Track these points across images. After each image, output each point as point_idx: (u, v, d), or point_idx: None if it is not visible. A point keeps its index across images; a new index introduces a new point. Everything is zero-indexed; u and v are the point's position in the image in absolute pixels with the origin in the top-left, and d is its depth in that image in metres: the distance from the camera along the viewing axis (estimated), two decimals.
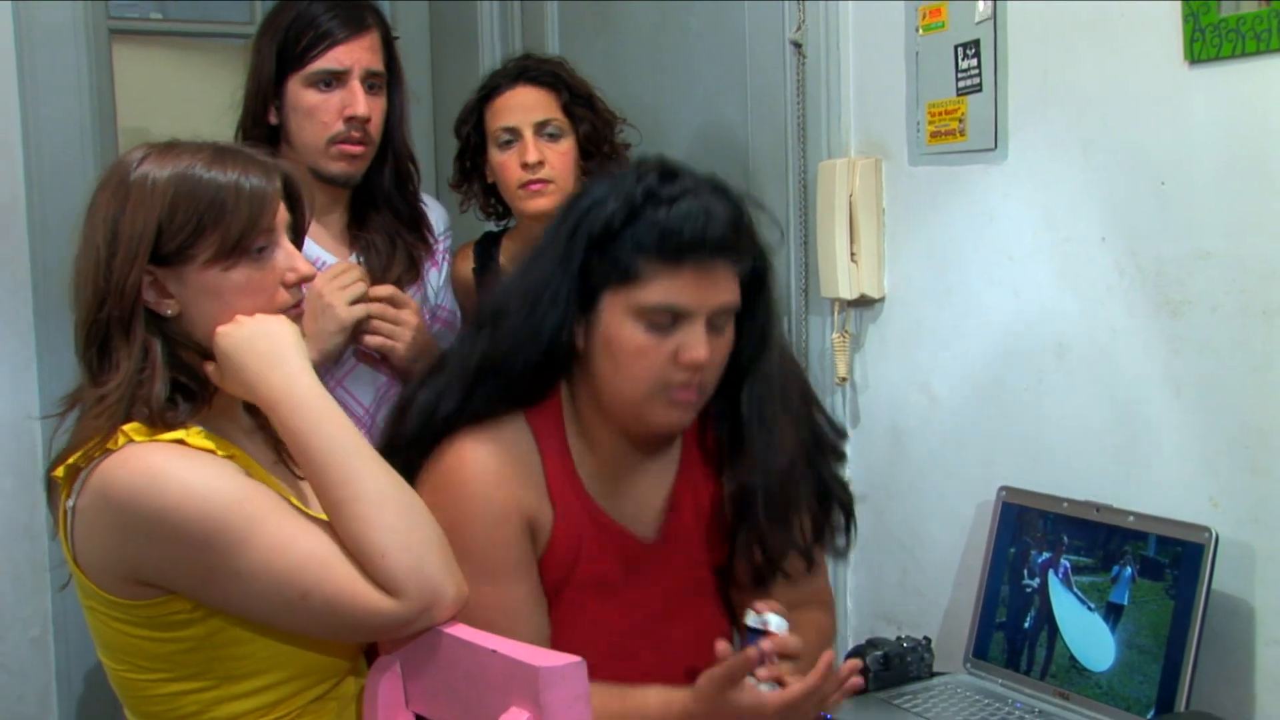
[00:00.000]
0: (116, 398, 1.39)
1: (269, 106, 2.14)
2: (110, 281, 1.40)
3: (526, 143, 2.24)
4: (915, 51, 2.15)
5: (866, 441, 2.31)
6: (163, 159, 1.44)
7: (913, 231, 2.20)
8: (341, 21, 2.12)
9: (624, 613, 1.67)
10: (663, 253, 1.54)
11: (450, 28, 3.41)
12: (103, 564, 1.39)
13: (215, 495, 1.34)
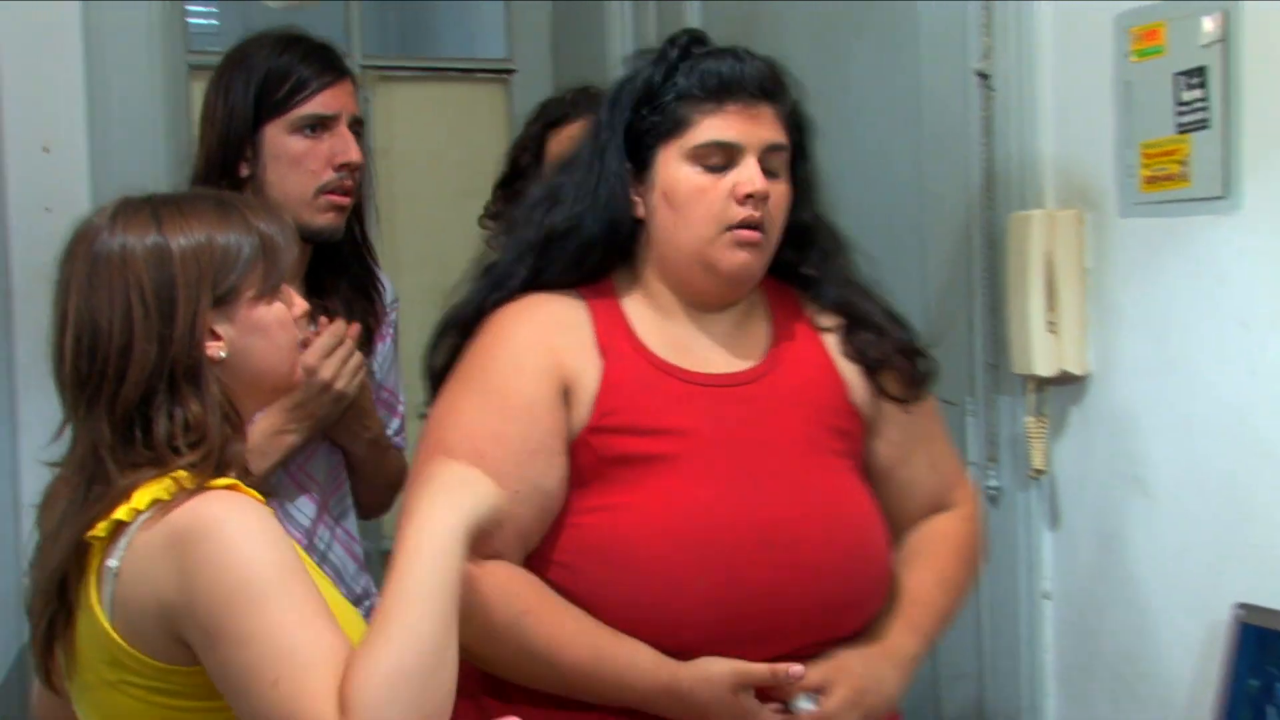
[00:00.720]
0: (203, 451, 1.48)
1: (240, 157, 2.16)
2: (175, 328, 1.48)
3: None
4: (1126, 81, 2.06)
5: (1069, 547, 2.22)
6: (180, 199, 1.57)
7: (1123, 296, 2.11)
8: (323, 66, 2.19)
9: (711, 476, 1.73)
10: (705, 93, 1.76)
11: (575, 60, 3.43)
12: (149, 621, 1.44)
13: (264, 553, 1.42)
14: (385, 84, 3.38)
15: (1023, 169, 2.22)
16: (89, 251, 1.51)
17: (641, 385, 1.76)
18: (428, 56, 4.03)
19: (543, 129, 2.45)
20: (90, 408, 1.50)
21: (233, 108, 2.15)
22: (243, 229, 1.55)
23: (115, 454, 1.48)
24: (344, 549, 2.29)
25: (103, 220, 1.53)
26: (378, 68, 3.39)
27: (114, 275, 1.49)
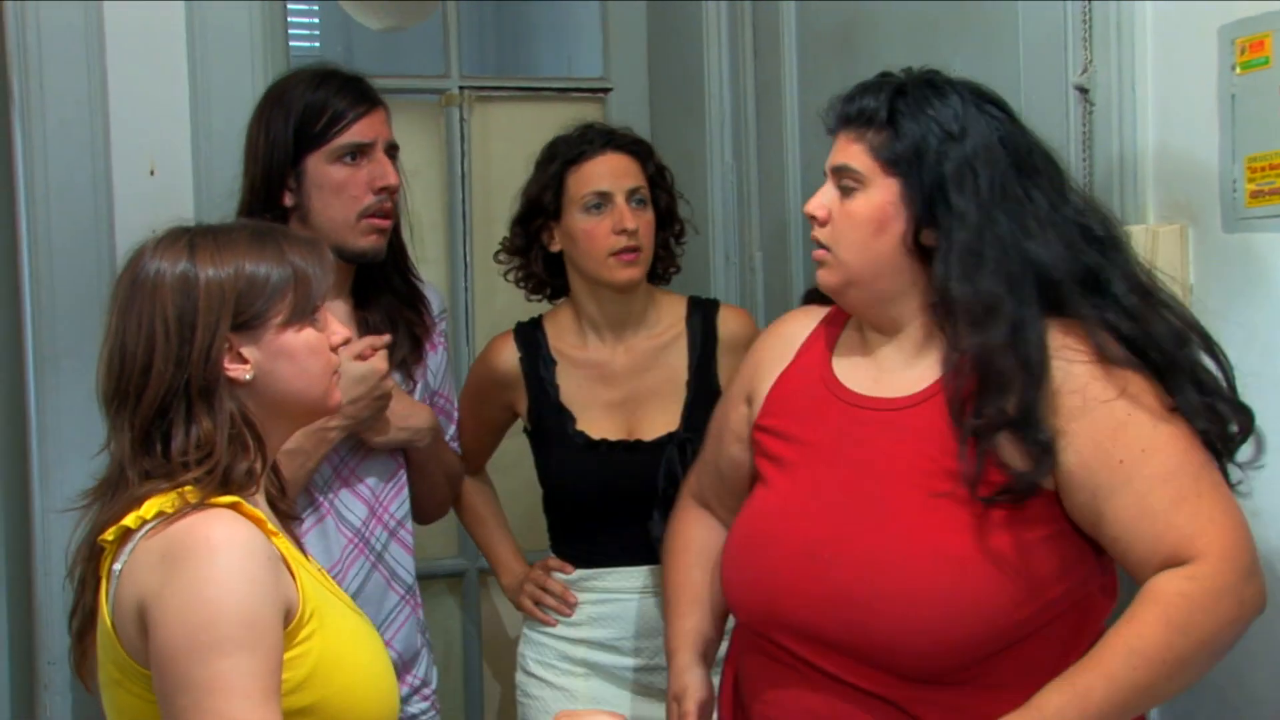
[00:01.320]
0: (209, 467, 1.56)
1: (284, 189, 2.27)
2: (193, 348, 1.57)
3: (621, 209, 2.50)
4: (1231, 94, 2.01)
5: None
6: (218, 230, 1.66)
7: (1229, 313, 2.04)
8: (357, 97, 2.30)
9: (804, 486, 1.89)
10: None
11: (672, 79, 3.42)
12: (130, 622, 1.52)
13: (241, 601, 1.48)
14: (482, 104, 3.40)
15: (1124, 183, 2.17)
16: (131, 276, 1.64)
17: (798, 389, 1.98)
18: (525, 76, 4.06)
19: (562, 167, 2.51)
20: (116, 420, 1.62)
21: (273, 142, 2.27)
22: (275, 259, 1.63)
23: (135, 464, 1.58)
24: (401, 546, 2.35)
25: (148, 247, 1.65)
26: (475, 88, 3.41)
27: (144, 299, 1.60)
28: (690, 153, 3.34)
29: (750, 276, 3.22)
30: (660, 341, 2.63)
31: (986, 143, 1.83)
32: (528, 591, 2.63)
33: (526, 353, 2.62)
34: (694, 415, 2.56)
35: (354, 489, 2.32)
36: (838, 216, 1.89)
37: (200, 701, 1.46)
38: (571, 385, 2.61)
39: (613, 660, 2.58)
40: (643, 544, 2.54)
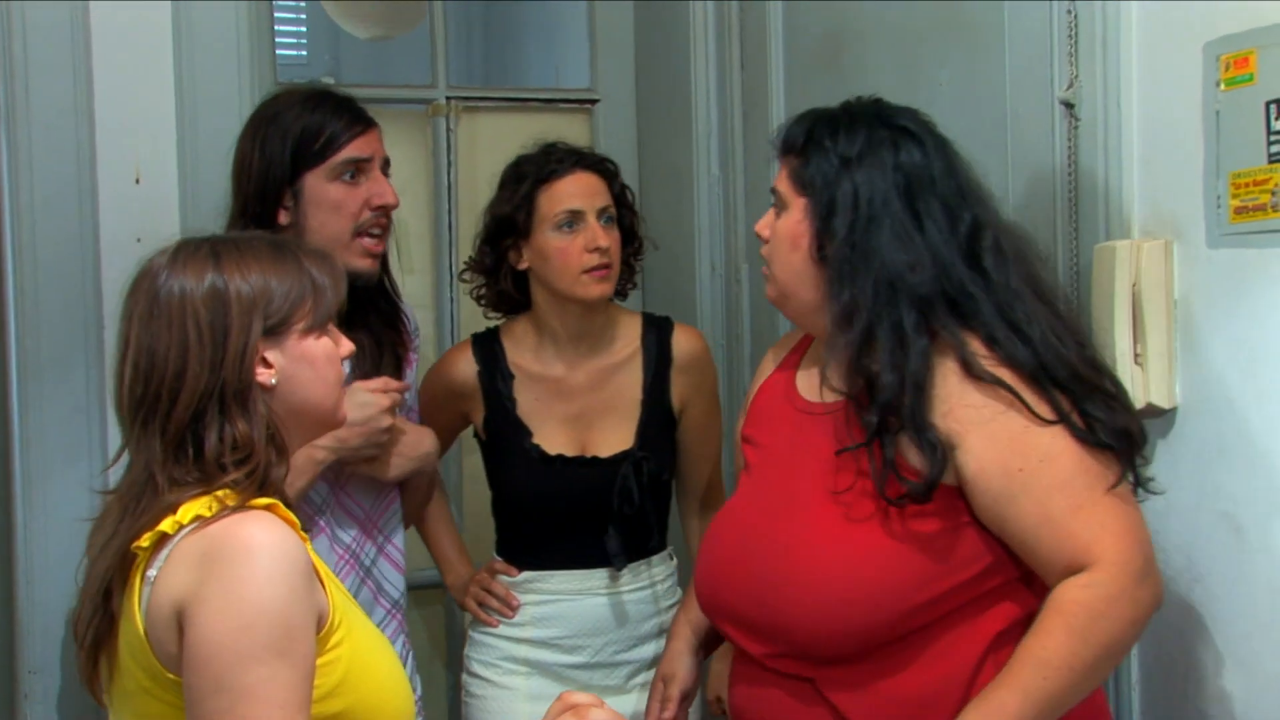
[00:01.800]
0: (249, 469, 1.60)
1: (279, 207, 2.29)
2: (227, 353, 1.61)
3: (593, 227, 2.54)
4: (1215, 111, 2.02)
5: None
6: (239, 240, 1.71)
7: (1213, 328, 2.06)
8: (354, 116, 2.32)
9: (753, 488, 2.08)
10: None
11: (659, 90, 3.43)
12: (164, 625, 1.53)
13: (281, 606, 1.50)
14: (470, 114, 3.40)
15: (1109, 198, 2.18)
16: (151, 288, 1.65)
17: (769, 401, 2.13)
18: (512, 87, 4.06)
19: (534, 186, 2.55)
20: (145, 427, 1.62)
21: (270, 160, 2.28)
22: (295, 269, 1.69)
23: (166, 470, 1.60)
24: (389, 562, 2.37)
25: (164, 260, 1.67)
26: (462, 99, 3.41)
27: (173, 309, 1.62)
28: (677, 164, 3.35)
29: (736, 288, 3.22)
30: (617, 359, 2.67)
31: (876, 171, 1.95)
32: (472, 593, 2.67)
33: (484, 365, 2.65)
34: (647, 433, 2.63)
35: (347, 509, 2.34)
36: (772, 235, 2.05)
37: (234, 707, 1.48)
38: (529, 399, 2.63)
39: (555, 658, 2.61)
40: (593, 552, 2.59)
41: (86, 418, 2.76)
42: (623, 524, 2.57)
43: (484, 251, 2.63)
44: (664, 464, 2.63)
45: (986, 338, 1.90)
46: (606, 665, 2.61)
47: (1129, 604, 1.81)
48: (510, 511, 2.68)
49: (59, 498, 2.74)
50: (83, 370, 2.76)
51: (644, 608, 2.64)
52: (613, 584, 2.61)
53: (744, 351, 3.21)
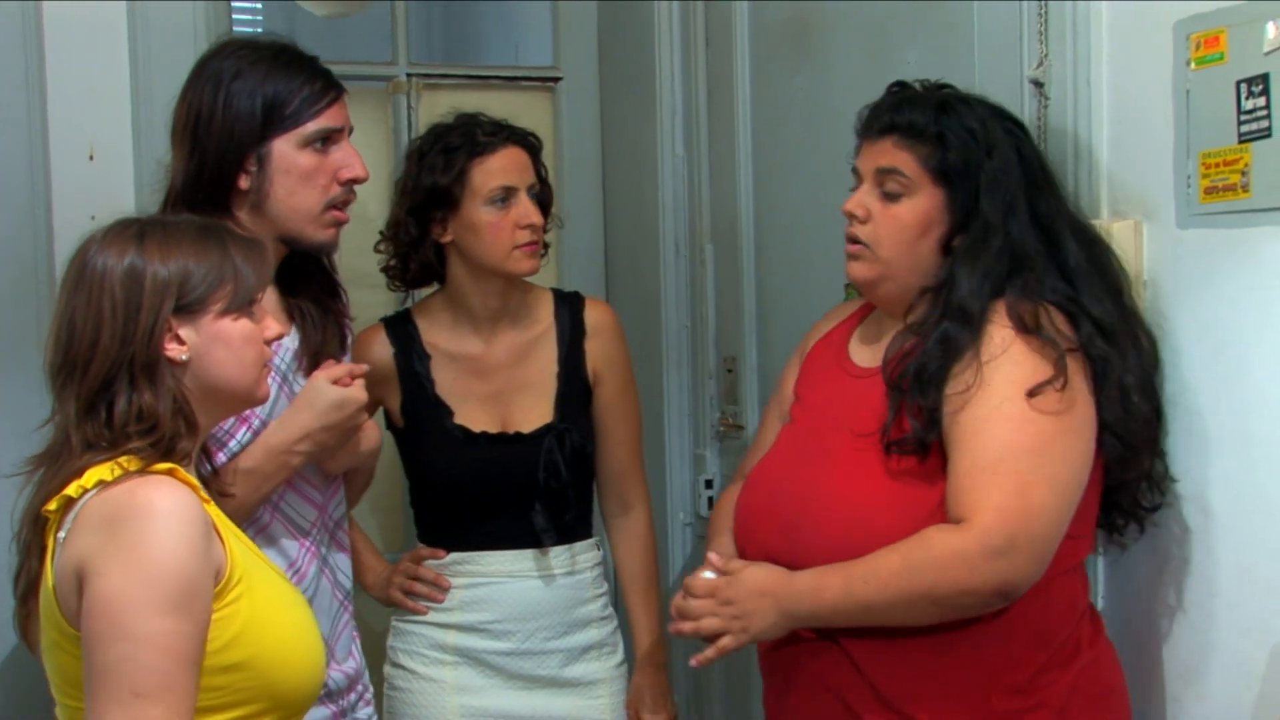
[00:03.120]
0: (153, 439, 1.68)
1: (241, 170, 2.16)
2: (137, 327, 1.70)
3: (525, 204, 2.55)
4: (1185, 90, 2.02)
5: (1123, 566, 2.16)
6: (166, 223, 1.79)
7: (1181, 309, 2.06)
8: (328, 81, 2.22)
9: (790, 441, 2.17)
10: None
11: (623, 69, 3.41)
12: (69, 584, 1.61)
13: (181, 564, 1.59)
14: (430, 92, 3.37)
15: (1078, 178, 2.18)
16: (81, 261, 1.75)
17: (819, 364, 2.21)
18: (473, 65, 4.03)
19: (467, 160, 2.52)
20: (63, 391, 1.73)
21: (236, 119, 2.14)
22: (218, 253, 1.76)
23: (80, 431, 1.69)
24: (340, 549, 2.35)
25: (98, 236, 1.76)
26: (423, 75, 3.38)
27: (93, 283, 1.72)
28: (641, 143, 3.33)
29: (700, 269, 3.21)
30: (532, 335, 2.65)
31: (1007, 158, 2.02)
32: (396, 583, 2.62)
33: (399, 346, 2.62)
34: (566, 406, 2.61)
35: (302, 491, 2.25)
36: (879, 217, 2.04)
37: (136, 654, 1.57)
38: (446, 378, 2.61)
39: (484, 644, 2.57)
40: (519, 531, 2.57)
41: (40, 396, 2.68)
42: (548, 498, 2.55)
43: (408, 223, 2.58)
44: (586, 436, 2.61)
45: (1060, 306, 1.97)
46: (537, 653, 2.57)
47: (965, 567, 1.86)
48: (433, 496, 2.64)
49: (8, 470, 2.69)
50: (35, 350, 2.69)
51: (573, 593, 2.60)
52: (541, 566, 2.58)
53: (708, 333, 3.20)
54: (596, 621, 2.63)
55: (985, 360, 1.93)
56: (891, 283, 2.06)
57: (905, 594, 1.88)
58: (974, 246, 1.99)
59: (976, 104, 2.06)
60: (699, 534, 3.24)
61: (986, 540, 1.85)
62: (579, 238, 3.37)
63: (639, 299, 3.33)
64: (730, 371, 3.13)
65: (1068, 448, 1.91)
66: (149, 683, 1.56)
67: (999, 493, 1.87)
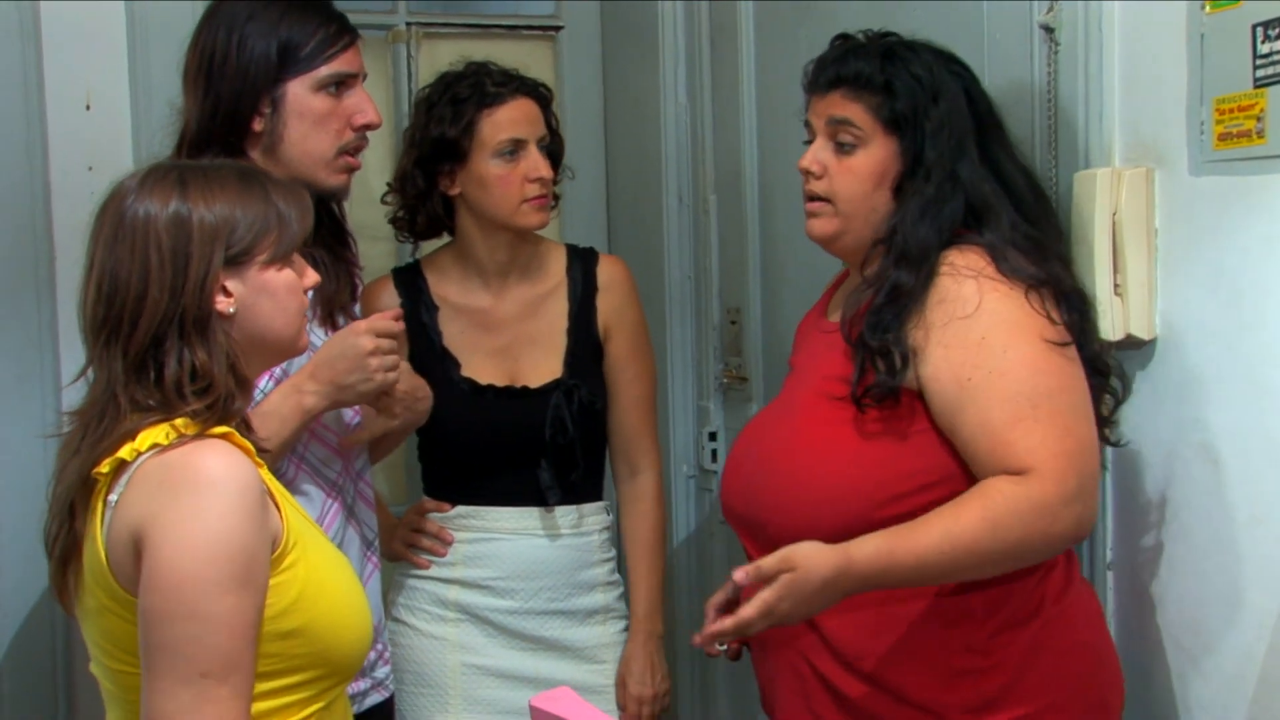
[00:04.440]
0: (210, 400, 1.63)
1: (255, 112, 2.17)
2: (188, 279, 1.63)
3: (535, 156, 2.51)
4: (1200, 34, 1.99)
5: (1132, 516, 2.15)
6: (207, 169, 1.72)
7: (1194, 257, 2.05)
8: (343, 25, 2.21)
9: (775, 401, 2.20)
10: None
11: (625, 17, 3.37)
12: (123, 548, 1.58)
13: (240, 537, 1.56)
14: (430, 41, 3.33)
15: (1089, 125, 2.15)
16: (117, 210, 1.67)
17: (805, 330, 2.25)
18: (474, 14, 3.98)
19: (476, 111, 2.49)
20: (107, 348, 1.65)
21: (250, 61, 2.14)
22: (262, 200, 1.70)
23: (129, 391, 1.63)
24: (364, 501, 2.33)
25: (133, 183, 1.69)
26: (423, 24, 3.34)
27: (136, 234, 1.65)
28: (643, 93, 3.30)
29: (704, 219, 3.18)
30: (542, 289, 2.63)
31: (955, 102, 2.02)
32: (400, 535, 2.61)
33: (408, 298, 2.60)
34: (575, 362, 2.59)
35: (325, 440, 2.25)
36: (835, 171, 2.04)
37: (203, 635, 1.54)
38: (454, 331, 2.59)
39: (486, 602, 2.56)
40: (526, 488, 2.55)
41: (39, 352, 2.70)
42: (555, 455, 2.53)
43: (415, 175, 2.56)
44: (595, 392, 2.59)
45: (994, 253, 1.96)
46: (539, 613, 2.55)
47: (1049, 517, 1.85)
48: (439, 449, 2.62)
49: (11, 434, 2.69)
50: (34, 301, 2.69)
51: (578, 555, 2.58)
52: (547, 525, 2.56)
53: (712, 285, 3.18)
54: (602, 586, 2.61)
55: (962, 316, 1.91)
56: (850, 235, 2.07)
57: (988, 554, 1.86)
58: (917, 189, 2.00)
59: (922, 49, 2.06)
60: (702, 487, 3.23)
61: (1063, 488, 1.85)
62: (581, 189, 3.33)
63: (642, 250, 3.30)
64: (734, 324, 3.11)
65: (1078, 376, 1.93)
66: (216, 663, 1.54)
67: (1052, 438, 1.86)
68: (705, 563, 3.20)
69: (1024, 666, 1.95)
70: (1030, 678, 1.95)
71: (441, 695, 2.55)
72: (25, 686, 2.75)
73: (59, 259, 2.71)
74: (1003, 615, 1.95)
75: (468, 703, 2.54)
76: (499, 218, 2.52)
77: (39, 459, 2.64)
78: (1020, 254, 1.95)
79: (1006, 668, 1.95)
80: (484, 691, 2.54)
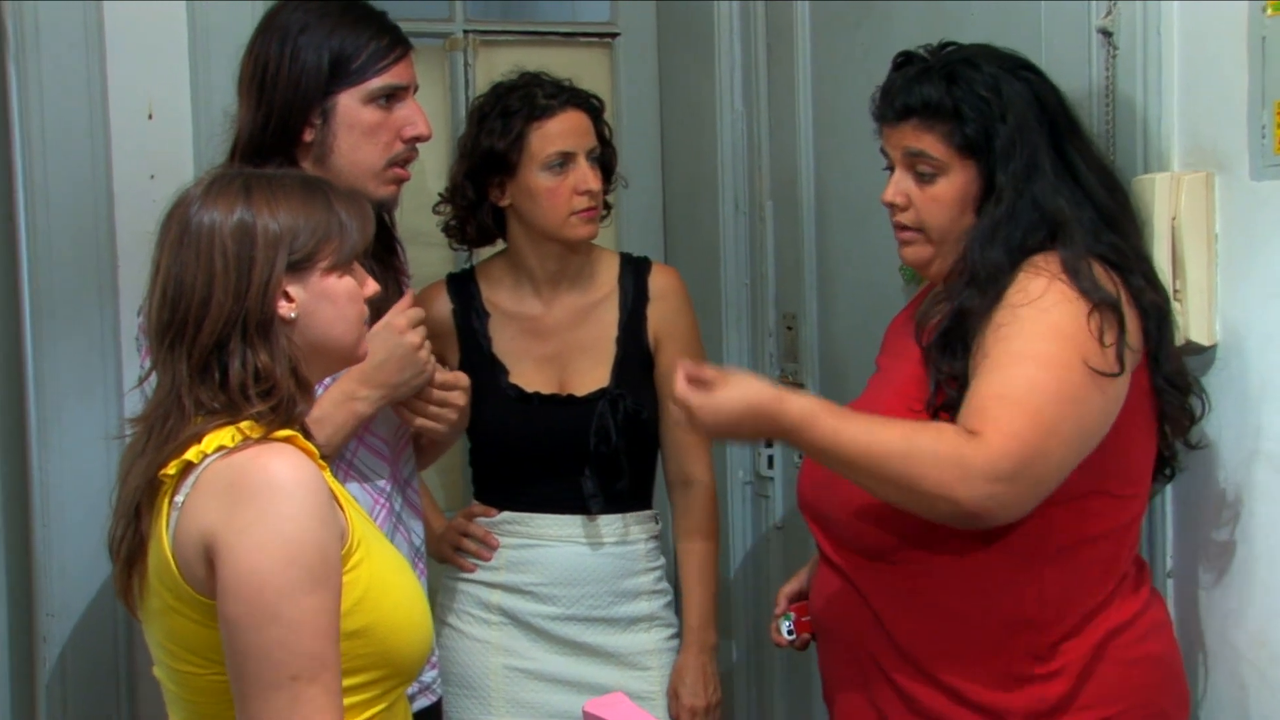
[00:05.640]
0: (273, 401, 1.65)
1: (306, 122, 2.18)
2: (251, 283, 1.66)
3: (584, 169, 2.52)
4: (1261, 37, 1.97)
5: (1193, 524, 2.13)
6: (271, 177, 1.74)
7: (1255, 262, 2.02)
8: (395, 37, 2.22)
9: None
10: None
11: (681, 24, 3.37)
12: (192, 550, 1.60)
13: (313, 537, 1.59)
14: (487, 48, 3.35)
15: (1148, 130, 2.14)
16: (183, 217, 1.70)
17: (894, 333, 2.25)
18: (531, 21, 4.00)
19: (525, 123, 2.50)
20: (172, 351, 1.67)
21: (304, 70, 2.16)
22: (324, 208, 1.73)
23: (193, 393, 1.66)
24: (411, 508, 2.34)
25: (198, 191, 1.72)
26: (479, 32, 3.36)
27: (202, 240, 1.68)
28: (699, 100, 3.30)
29: (760, 226, 3.18)
30: (594, 298, 2.64)
31: (1024, 116, 2.00)
32: (448, 539, 2.63)
33: (459, 304, 2.63)
34: (623, 372, 2.59)
35: (372, 447, 2.26)
36: (919, 201, 2.05)
37: (289, 638, 1.56)
38: (504, 338, 2.61)
39: (529, 607, 2.57)
40: (570, 496, 2.56)
41: (101, 358, 2.74)
42: (599, 464, 2.54)
43: (465, 186, 2.58)
44: (641, 402, 2.58)
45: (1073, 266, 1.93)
46: (582, 620, 2.56)
47: (961, 476, 1.81)
48: (487, 454, 2.64)
49: (74, 437, 2.73)
50: (96, 308, 2.74)
51: (622, 563, 2.59)
52: (590, 533, 2.57)
53: (768, 290, 3.17)
54: (648, 594, 2.61)
55: (1020, 304, 1.90)
56: (943, 259, 2.07)
57: (890, 469, 1.84)
58: (989, 211, 1.99)
59: (985, 61, 2.04)
60: (759, 493, 3.22)
61: (996, 460, 1.80)
62: (637, 195, 3.34)
63: (698, 257, 3.31)
64: (790, 329, 3.11)
65: (1096, 408, 1.88)
66: (305, 664, 1.57)
67: (1024, 425, 1.82)
68: (761, 569, 3.20)
69: (1087, 675, 1.94)
70: (1092, 687, 1.94)
71: (484, 698, 2.57)
72: (87, 689, 2.79)
73: (121, 266, 2.75)
74: (1067, 623, 1.94)
75: (510, 705, 2.55)
76: (548, 229, 2.54)
77: (101, 463, 2.69)
78: (1102, 266, 1.92)
79: (1069, 675, 1.93)
80: (527, 694, 2.55)
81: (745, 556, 3.26)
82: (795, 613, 2.25)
